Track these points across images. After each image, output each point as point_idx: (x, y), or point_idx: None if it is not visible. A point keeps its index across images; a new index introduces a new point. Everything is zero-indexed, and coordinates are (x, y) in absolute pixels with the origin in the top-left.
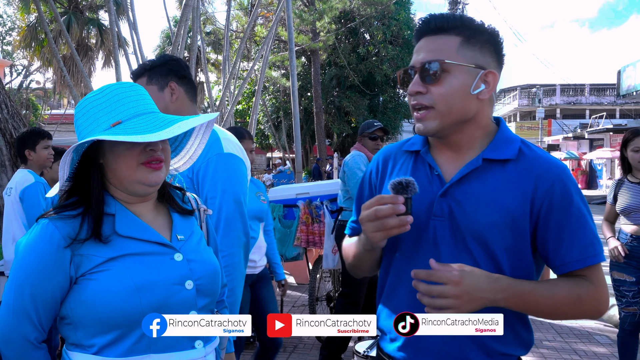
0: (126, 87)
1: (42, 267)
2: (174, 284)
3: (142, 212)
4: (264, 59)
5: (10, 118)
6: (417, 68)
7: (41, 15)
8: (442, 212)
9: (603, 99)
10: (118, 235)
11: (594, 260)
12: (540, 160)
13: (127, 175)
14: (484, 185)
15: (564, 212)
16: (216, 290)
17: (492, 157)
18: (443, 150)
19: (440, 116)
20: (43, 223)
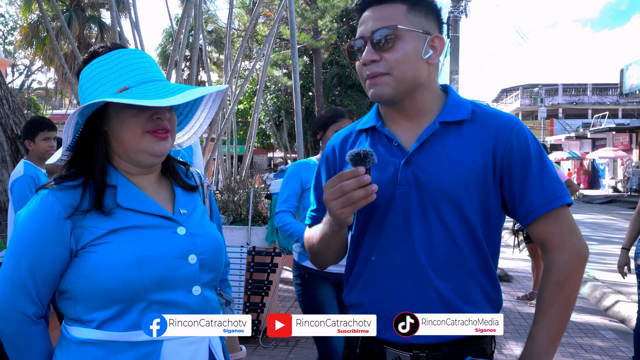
0: (135, 53)
1: (41, 239)
2: (177, 257)
3: (145, 185)
4: (266, 57)
5: (11, 114)
6: (368, 37)
7: (43, 13)
8: (407, 180)
9: (605, 99)
10: (120, 207)
11: (558, 202)
12: (494, 116)
13: (132, 143)
14: (445, 147)
15: (524, 161)
16: (220, 265)
17: (448, 119)
18: (398, 121)
19: (396, 82)
20: (43, 194)
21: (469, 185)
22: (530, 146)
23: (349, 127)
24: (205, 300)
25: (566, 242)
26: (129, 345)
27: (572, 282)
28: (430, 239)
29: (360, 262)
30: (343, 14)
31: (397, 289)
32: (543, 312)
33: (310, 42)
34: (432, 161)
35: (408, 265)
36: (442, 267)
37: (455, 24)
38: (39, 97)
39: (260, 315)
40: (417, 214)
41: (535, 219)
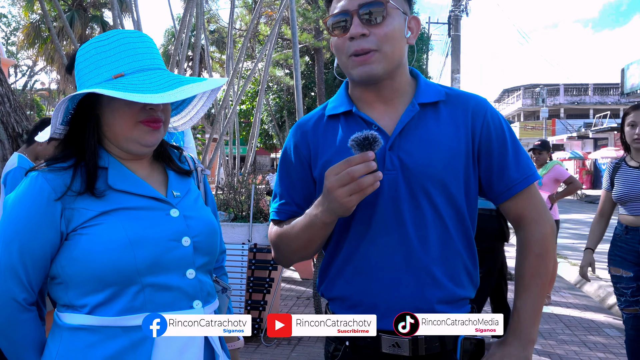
0: (134, 36)
1: (31, 221)
2: (170, 239)
3: (137, 168)
4: (267, 57)
5: (12, 112)
6: (354, 10)
7: (45, 12)
8: (394, 165)
9: (607, 99)
10: (111, 189)
11: (532, 179)
12: (466, 97)
13: (124, 132)
14: (426, 129)
15: (500, 140)
16: (214, 249)
17: (425, 100)
18: (373, 104)
19: (385, 58)
20: (32, 175)
21: (453, 165)
22: (504, 125)
23: (315, 113)
24: (199, 284)
25: (542, 215)
26: (122, 331)
27: (550, 254)
28: (422, 222)
29: (346, 254)
30: None
31: (389, 276)
32: (526, 285)
33: (311, 42)
34: (416, 144)
35: (400, 251)
36: (435, 249)
37: (456, 23)
38: (42, 97)
39: (261, 313)
40: (406, 199)
41: (513, 195)
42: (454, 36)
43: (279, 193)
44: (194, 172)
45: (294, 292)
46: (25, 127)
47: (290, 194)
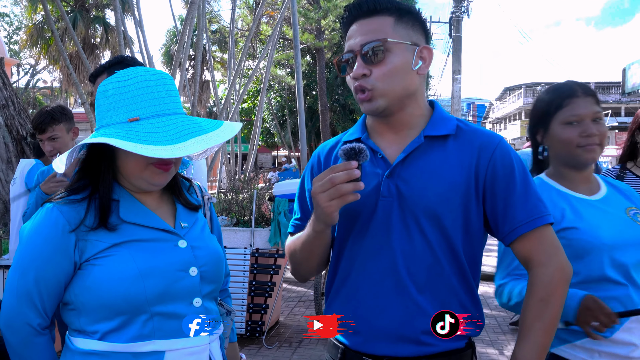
0: (154, 78)
1: (46, 251)
2: (178, 270)
3: (146, 199)
4: (269, 57)
5: (16, 115)
6: (358, 51)
7: (47, 14)
8: (390, 192)
9: (608, 97)
10: (122, 221)
11: (540, 222)
12: (478, 133)
13: (135, 172)
14: (429, 161)
15: (507, 179)
16: (220, 277)
17: (432, 133)
18: (384, 134)
19: (385, 95)
20: (47, 207)
21: (450, 200)
22: (514, 164)
23: (336, 138)
24: (205, 312)
25: (550, 259)
26: (132, 356)
27: (556, 299)
28: (411, 251)
29: (341, 274)
30: None
31: (378, 302)
32: (526, 330)
33: (313, 42)
34: (415, 174)
35: (388, 277)
36: (422, 280)
37: (458, 24)
38: (45, 96)
39: (263, 316)
40: (398, 226)
41: (519, 237)
42: (455, 37)
43: (296, 209)
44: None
45: (295, 294)
46: (29, 130)
47: (304, 211)
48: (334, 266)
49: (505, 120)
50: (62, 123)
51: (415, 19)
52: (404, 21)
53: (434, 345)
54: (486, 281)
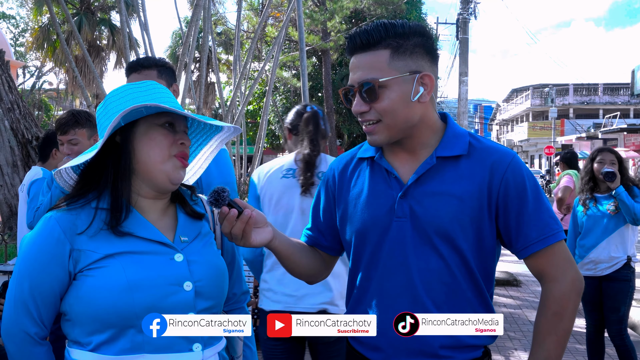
0: (165, 88)
1: (40, 260)
2: (171, 284)
3: (149, 210)
4: (275, 59)
5: (22, 118)
6: (356, 88)
7: (53, 17)
8: (404, 212)
9: (617, 99)
10: (119, 231)
11: (552, 239)
12: (491, 151)
13: (158, 162)
14: (441, 182)
15: (519, 197)
16: (220, 293)
17: (445, 154)
18: (397, 153)
19: (388, 128)
20: (46, 217)
21: (463, 220)
22: (527, 181)
23: (351, 152)
24: None
25: (563, 274)
26: None
27: (569, 313)
28: (427, 269)
29: (359, 292)
30: (352, 15)
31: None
32: (540, 341)
33: (319, 44)
34: (428, 195)
35: (406, 295)
36: (440, 297)
37: (465, 26)
38: (50, 98)
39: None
40: (413, 245)
41: (532, 254)
42: (462, 39)
43: (310, 219)
44: (208, 215)
45: None
46: (35, 134)
47: (315, 222)
48: (351, 283)
49: (512, 122)
50: (85, 128)
51: (416, 44)
52: (402, 51)
53: (453, 357)
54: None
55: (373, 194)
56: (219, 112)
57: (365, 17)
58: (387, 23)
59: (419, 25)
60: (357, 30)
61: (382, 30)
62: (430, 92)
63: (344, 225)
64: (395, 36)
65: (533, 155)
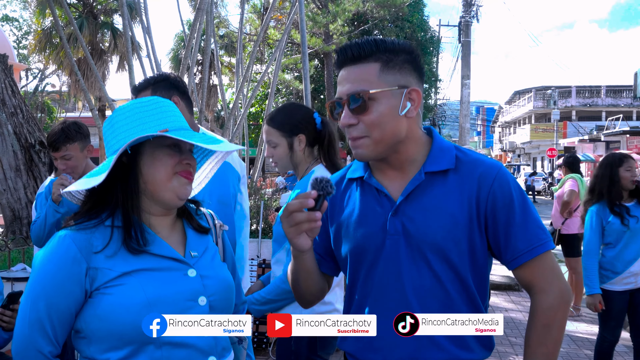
0: (169, 102)
1: (57, 280)
2: (187, 299)
3: (159, 226)
4: (277, 62)
5: (25, 123)
6: (345, 100)
7: (56, 20)
8: (396, 229)
9: (619, 101)
10: (134, 249)
11: (541, 249)
12: (477, 164)
13: (164, 181)
14: (431, 197)
15: (507, 208)
16: (230, 306)
17: (433, 169)
18: (385, 170)
19: (375, 143)
20: (60, 235)
21: (455, 234)
22: (513, 193)
23: (340, 173)
24: (214, 341)
25: (551, 285)
26: None
27: (558, 324)
28: (421, 285)
29: (355, 308)
30: (354, 17)
31: (391, 336)
32: (531, 354)
33: (321, 47)
34: (419, 211)
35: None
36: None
37: (467, 29)
38: (53, 100)
39: None
40: (406, 262)
41: (521, 265)
42: (464, 42)
43: None
44: (212, 229)
45: None
46: (38, 138)
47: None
48: (348, 300)
49: (514, 124)
50: (76, 142)
51: (405, 60)
52: (391, 65)
53: None
54: (493, 291)
55: (365, 213)
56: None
57: (367, 19)
58: (377, 38)
59: (408, 43)
60: (347, 43)
61: (373, 44)
62: (417, 107)
63: (338, 245)
64: (386, 51)
65: (535, 158)
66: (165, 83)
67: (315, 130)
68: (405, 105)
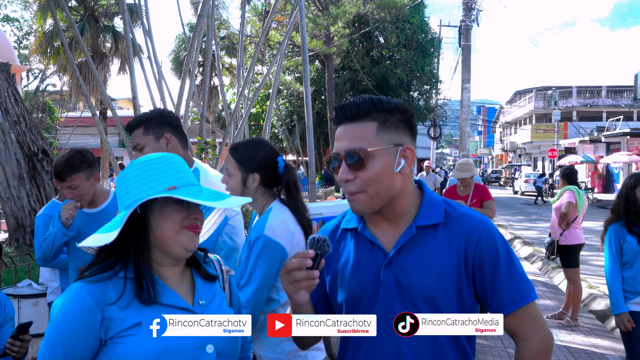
0: (178, 158)
1: (74, 329)
2: (195, 348)
3: (169, 276)
4: (278, 65)
5: (28, 131)
6: (342, 156)
7: (57, 25)
8: (389, 280)
9: (620, 101)
10: (145, 300)
11: (525, 301)
12: (465, 218)
13: (172, 235)
14: (422, 250)
15: (493, 262)
16: (236, 351)
17: (423, 223)
18: (379, 222)
19: (371, 198)
20: (76, 287)
21: (444, 285)
22: (499, 247)
23: (335, 223)
24: None
25: (534, 334)
26: None
27: None
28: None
29: (349, 356)
30: (355, 19)
31: None
32: None
33: (322, 49)
34: (411, 263)
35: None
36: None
37: (467, 33)
38: (54, 101)
39: None
40: (399, 311)
41: (506, 315)
42: (465, 46)
43: None
44: (219, 275)
45: None
46: (41, 146)
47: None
48: (342, 348)
49: (515, 125)
50: (81, 172)
51: (400, 120)
52: (388, 125)
53: None
54: None
55: (359, 264)
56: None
57: (368, 21)
58: (374, 98)
59: (402, 103)
60: (346, 103)
61: (371, 104)
62: (411, 164)
63: (334, 293)
64: (382, 110)
65: (536, 158)
66: (156, 120)
67: (275, 173)
68: (399, 163)
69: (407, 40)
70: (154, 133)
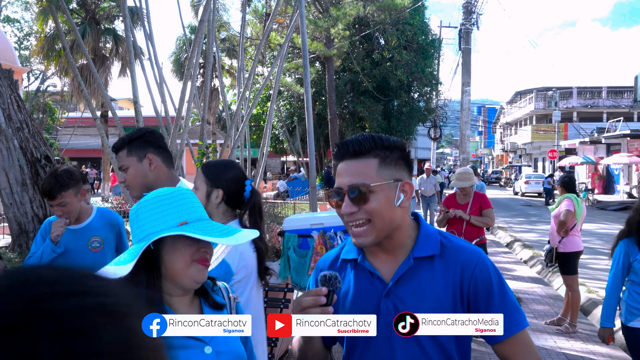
0: (188, 192)
1: None
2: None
3: (178, 306)
4: (279, 67)
5: (31, 137)
6: (345, 191)
7: (59, 29)
8: (388, 310)
9: (621, 102)
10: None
11: (517, 329)
12: (460, 250)
13: (182, 268)
14: (419, 281)
15: (487, 292)
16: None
17: (420, 255)
18: (377, 254)
19: (377, 230)
20: None
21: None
22: (492, 279)
23: (335, 253)
24: None
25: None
26: None
27: None
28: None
29: None
30: (355, 21)
31: None
32: None
33: (322, 51)
34: (409, 294)
35: None
36: None
37: (467, 37)
38: (55, 102)
39: (274, 349)
40: (399, 341)
41: (499, 342)
42: (465, 49)
43: None
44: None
45: None
46: (44, 152)
47: None
48: None
49: (515, 125)
50: (70, 189)
51: (399, 157)
52: (388, 161)
53: None
54: None
55: (359, 294)
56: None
57: (368, 22)
58: (375, 136)
59: (400, 141)
60: (348, 140)
61: (372, 142)
62: (409, 198)
63: None
64: (383, 148)
65: (537, 159)
66: (139, 141)
67: (240, 195)
68: (399, 197)
69: (407, 42)
70: (137, 154)
